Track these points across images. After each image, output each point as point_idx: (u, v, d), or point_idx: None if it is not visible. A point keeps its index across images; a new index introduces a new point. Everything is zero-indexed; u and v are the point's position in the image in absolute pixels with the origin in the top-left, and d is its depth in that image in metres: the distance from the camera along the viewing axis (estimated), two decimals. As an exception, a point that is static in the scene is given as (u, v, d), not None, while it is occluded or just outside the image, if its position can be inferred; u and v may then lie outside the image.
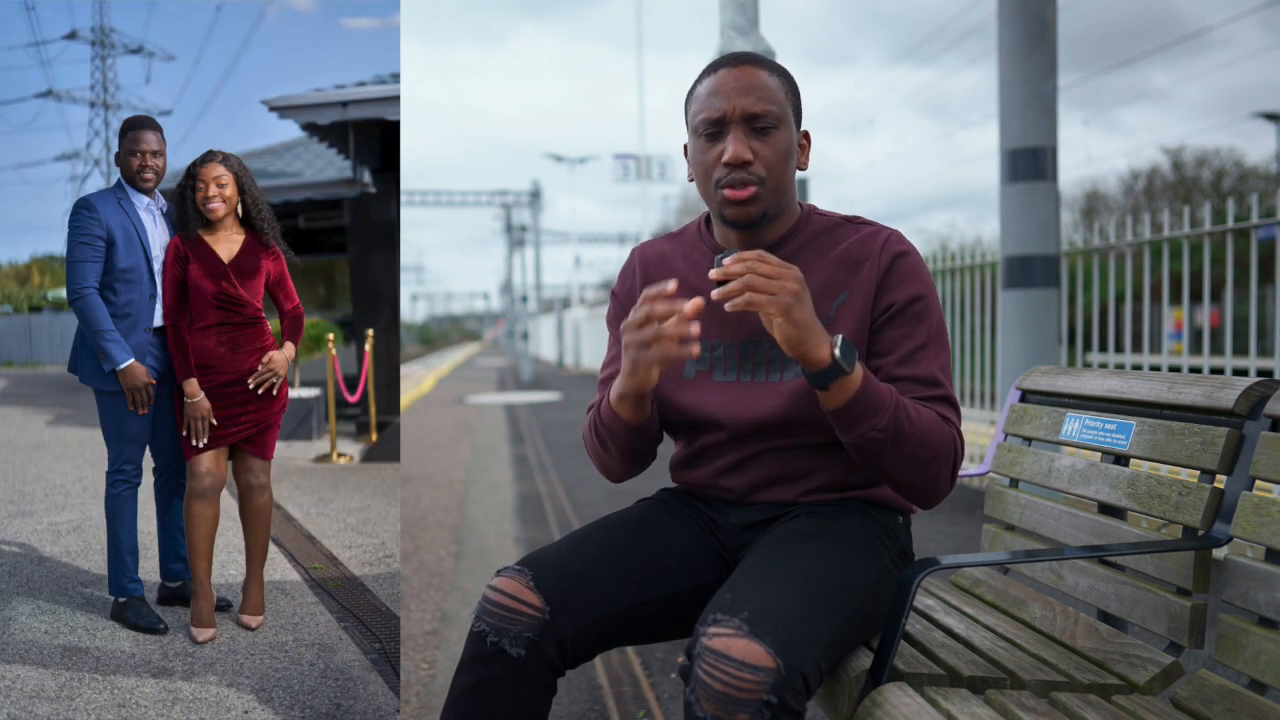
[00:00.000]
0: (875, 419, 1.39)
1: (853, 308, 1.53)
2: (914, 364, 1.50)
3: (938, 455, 1.45)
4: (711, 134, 1.51)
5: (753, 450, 1.58)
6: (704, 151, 1.52)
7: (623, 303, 1.70)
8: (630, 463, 1.62)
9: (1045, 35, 4.24)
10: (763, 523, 1.60)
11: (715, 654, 1.22)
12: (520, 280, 27.95)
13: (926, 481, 1.46)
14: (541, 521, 5.03)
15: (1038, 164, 4.30)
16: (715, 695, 1.20)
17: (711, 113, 1.49)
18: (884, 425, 1.39)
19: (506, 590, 1.44)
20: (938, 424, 1.45)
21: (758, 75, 1.50)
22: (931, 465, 1.45)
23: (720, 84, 1.50)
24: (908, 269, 1.54)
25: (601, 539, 1.57)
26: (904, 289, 1.53)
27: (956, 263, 6.07)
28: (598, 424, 1.58)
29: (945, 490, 1.49)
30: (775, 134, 1.50)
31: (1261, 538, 1.34)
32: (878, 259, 1.54)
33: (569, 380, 20.32)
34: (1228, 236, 4.09)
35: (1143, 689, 1.43)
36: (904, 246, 1.56)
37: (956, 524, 4.63)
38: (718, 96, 1.49)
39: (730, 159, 1.48)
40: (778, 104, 1.50)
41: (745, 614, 1.26)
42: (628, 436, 1.54)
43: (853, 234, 1.58)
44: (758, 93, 1.49)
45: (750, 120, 1.49)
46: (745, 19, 3.89)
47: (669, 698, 2.61)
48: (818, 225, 1.60)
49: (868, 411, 1.38)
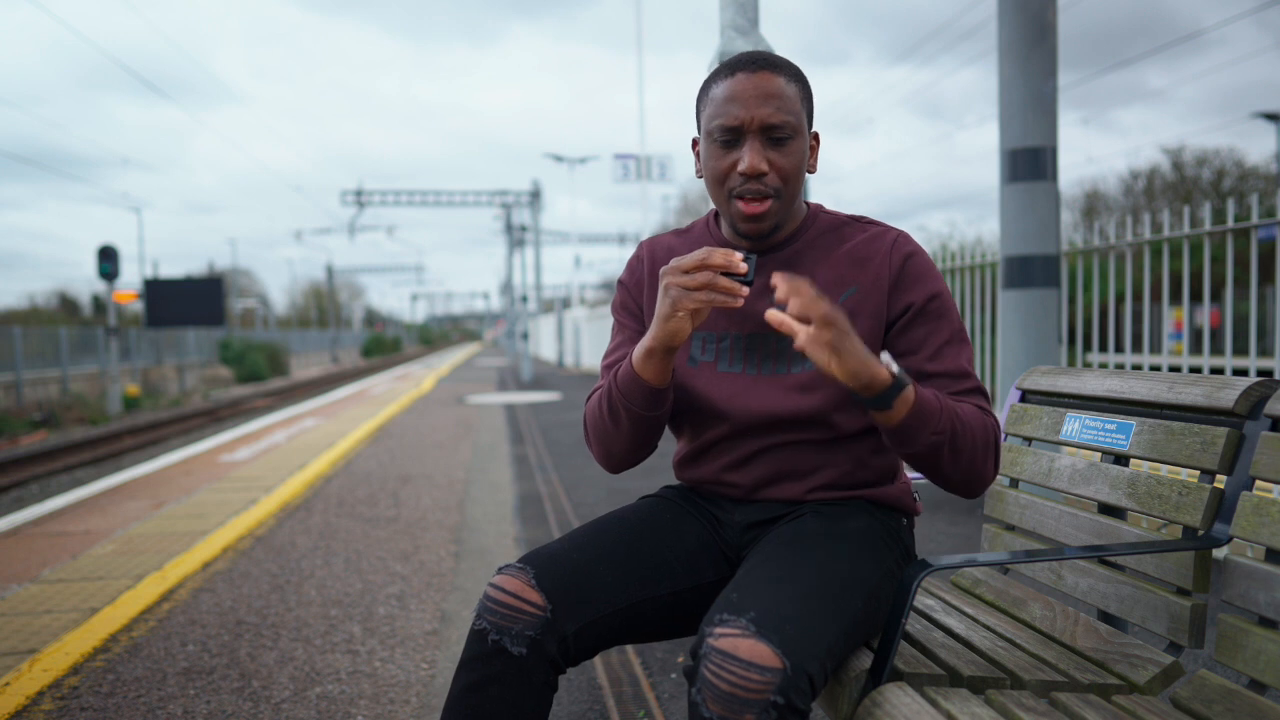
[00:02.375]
0: (934, 424, 1.39)
1: (863, 304, 1.54)
2: (944, 359, 1.52)
3: (987, 446, 1.47)
4: (728, 141, 1.50)
5: (758, 445, 1.58)
6: (718, 158, 1.51)
7: (631, 291, 1.70)
8: (635, 443, 1.58)
9: (1045, 35, 4.24)
10: (767, 521, 1.60)
11: (722, 654, 1.22)
12: (520, 280, 27.93)
13: (977, 474, 1.48)
14: (541, 521, 5.03)
15: (1038, 164, 4.30)
16: (722, 695, 1.20)
17: (729, 120, 1.48)
18: (942, 428, 1.40)
19: (508, 588, 1.43)
20: (980, 416, 1.47)
21: (776, 82, 1.49)
22: (982, 457, 1.46)
23: (739, 90, 1.48)
24: (920, 269, 1.55)
25: (603, 537, 1.56)
26: (920, 289, 1.54)
27: (957, 262, 6.07)
28: (611, 394, 1.54)
29: (992, 478, 1.51)
30: (791, 144, 1.50)
31: (1261, 538, 1.34)
32: (888, 259, 1.55)
33: (569, 380, 20.31)
34: (1228, 236, 4.09)
35: (1143, 689, 1.43)
36: (913, 246, 1.57)
37: (956, 524, 4.63)
38: (735, 104, 1.48)
39: (747, 170, 1.47)
40: (794, 113, 1.50)
41: (752, 614, 1.25)
42: (644, 402, 1.51)
43: (860, 233, 1.59)
44: (776, 102, 1.47)
45: (768, 131, 1.48)
46: (745, 19, 3.88)
47: (669, 698, 2.61)
48: (824, 224, 1.61)
49: (926, 420, 1.39)
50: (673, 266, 1.39)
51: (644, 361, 1.47)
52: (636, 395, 1.50)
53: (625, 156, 21.24)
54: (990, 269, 5.71)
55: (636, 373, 1.48)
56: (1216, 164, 29.69)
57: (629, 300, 1.69)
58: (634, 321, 1.69)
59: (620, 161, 20.87)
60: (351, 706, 2.57)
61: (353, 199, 27.22)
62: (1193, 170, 30.09)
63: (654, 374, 1.48)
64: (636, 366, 1.48)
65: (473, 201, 28.07)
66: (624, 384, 1.51)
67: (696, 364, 1.60)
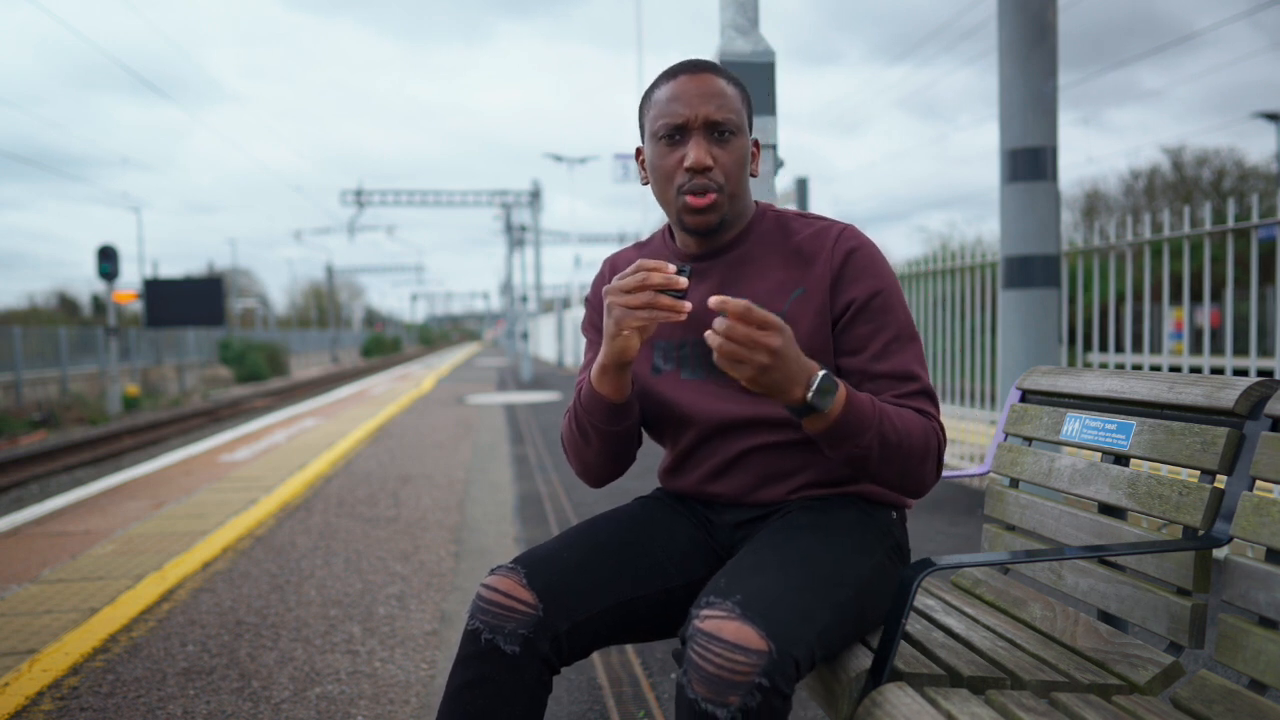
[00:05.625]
0: (859, 438, 1.39)
1: (809, 303, 1.54)
2: (889, 359, 1.52)
3: (925, 455, 1.46)
4: (672, 139, 1.52)
5: (734, 450, 1.59)
6: (664, 156, 1.54)
7: (597, 308, 1.71)
8: (610, 457, 1.60)
9: (1045, 35, 4.24)
10: (756, 519, 1.61)
11: (707, 635, 1.23)
12: (520, 280, 27.93)
13: (913, 479, 1.48)
14: (541, 521, 5.03)
15: (1038, 164, 4.30)
16: (707, 677, 1.21)
17: (673, 118, 1.51)
18: (867, 443, 1.40)
19: (499, 588, 1.44)
20: (920, 424, 1.47)
21: (718, 83, 1.53)
22: (918, 465, 1.46)
23: (681, 90, 1.52)
24: (862, 263, 1.55)
25: (595, 536, 1.57)
26: (862, 284, 1.53)
27: (956, 262, 6.06)
28: (577, 412, 1.57)
29: (931, 483, 1.51)
30: (735, 140, 1.53)
31: (1261, 538, 1.34)
32: (830, 254, 1.55)
33: (569, 380, 20.31)
34: (1228, 236, 4.09)
35: (1143, 689, 1.43)
36: (857, 241, 1.56)
37: (956, 524, 4.62)
38: (679, 103, 1.51)
39: (693, 164, 1.50)
40: (736, 112, 1.53)
41: (738, 597, 1.27)
42: (608, 418, 1.53)
43: (805, 229, 1.60)
44: (718, 100, 1.51)
45: (711, 127, 1.51)
46: (746, 19, 3.88)
47: (669, 698, 2.61)
48: (771, 223, 1.62)
49: (850, 433, 1.39)
50: (614, 286, 1.41)
51: (600, 378, 1.50)
52: (599, 411, 1.53)
53: (625, 156, 21.22)
54: (990, 269, 5.71)
55: (596, 390, 1.51)
56: (1216, 164, 29.71)
57: (596, 317, 1.71)
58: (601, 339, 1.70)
59: (620, 161, 20.87)
60: (351, 707, 2.57)
61: (352, 199, 27.23)
62: (1193, 170, 30.11)
63: (611, 389, 1.50)
64: (595, 384, 1.51)
65: (472, 201, 28.07)
66: (587, 401, 1.54)
67: (660, 373, 1.63)
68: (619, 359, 1.45)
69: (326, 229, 48.51)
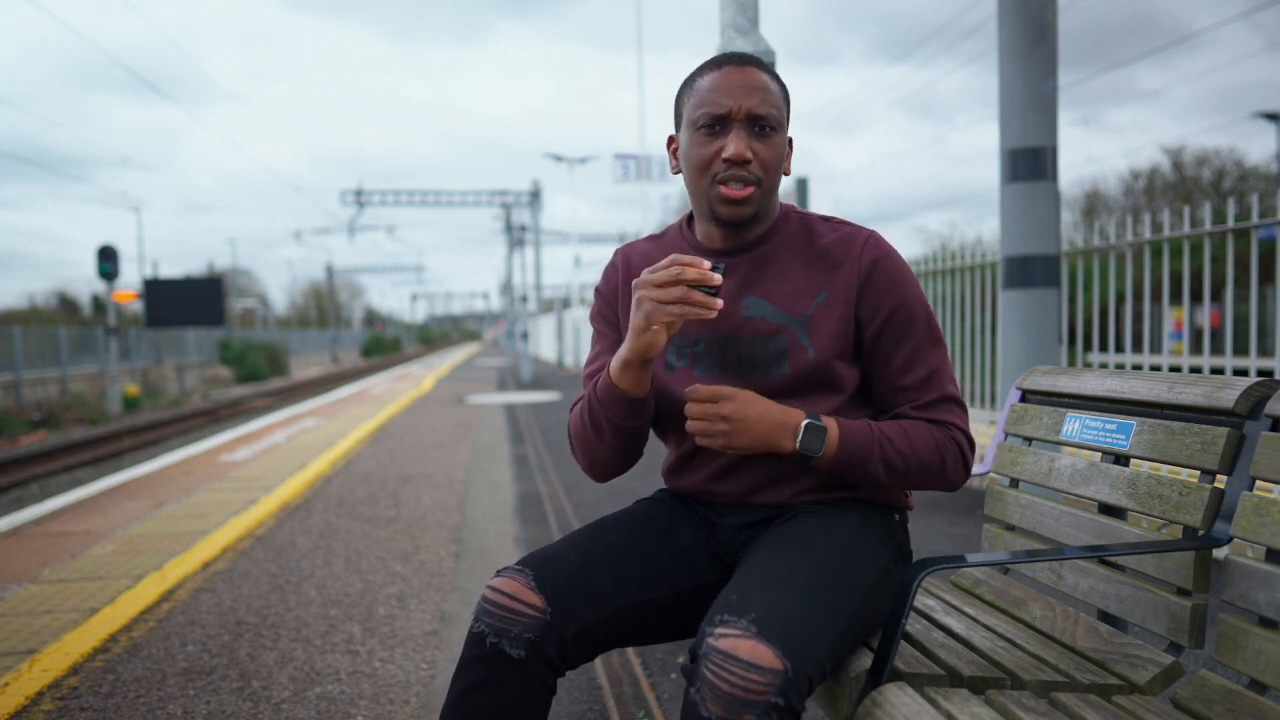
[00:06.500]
0: (864, 466, 1.49)
1: (833, 309, 1.55)
2: (911, 371, 1.56)
3: (940, 465, 1.52)
4: (712, 129, 1.51)
5: None
6: (703, 145, 1.52)
7: (608, 299, 1.70)
8: (620, 453, 1.59)
9: (1045, 35, 4.24)
10: (760, 522, 1.60)
11: (722, 654, 1.22)
12: (520, 280, 27.93)
13: (932, 486, 1.55)
14: (541, 521, 5.03)
15: (1038, 164, 4.30)
16: (722, 696, 1.20)
17: (716, 108, 1.50)
18: (872, 470, 1.49)
19: (506, 590, 1.43)
20: (929, 437, 1.51)
21: (761, 77, 1.52)
22: (935, 475, 1.53)
23: (725, 81, 1.51)
24: (889, 272, 1.56)
25: (601, 539, 1.56)
26: (889, 295, 1.55)
27: (957, 262, 6.06)
28: (592, 405, 1.56)
29: (958, 483, 1.56)
30: (775, 136, 1.52)
31: (1261, 538, 1.34)
32: (857, 262, 1.55)
33: (569, 380, 20.31)
34: (1228, 236, 4.09)
35: (1143, 689, 1.43)
36: (883, 249, 1.57)
37: (956, 524, 4.63)
38: (722, 93, 1.50)
39: (732, 156, 1.49)
40: (777, 108, 1.53)
41: (752, 615, 1.26)
42: (624, 413, 1.52)
43: (830, 234, 1.60)
44: (761, 94, 1.51)
45: (753, 121, 1.50)
46: (746, 19, 3.88)
47: (669, 698, 2.61)
48: (795, 224, 1.62)
49: (853, 464, 1.49)
50: (645, 280, 1.40)
51: (621, 372, 1.48)
52: (616, 406, 1.52)
53: (625, 156, 21.24)
54: (990, 269, 5.71)
55: (615, 383, 1.50)
56: (1216, 164, 29.70)
57: (606, 309, 1.70)
58: (612, 330, 1.69)
59: (620, 161, 20.88)
60: (351, 707, 2.57)
61: (352, 199, 27.21)
62: (1193, 170, 30.09)
63: (632, 384, 1.49)
64: (614, 377, 1.50)
65: (472, 201, 28.06)
66: (604, 395, 1.53)
67: (673, 369, 1.62)
68: (644, 354, 1.44)
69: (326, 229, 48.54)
